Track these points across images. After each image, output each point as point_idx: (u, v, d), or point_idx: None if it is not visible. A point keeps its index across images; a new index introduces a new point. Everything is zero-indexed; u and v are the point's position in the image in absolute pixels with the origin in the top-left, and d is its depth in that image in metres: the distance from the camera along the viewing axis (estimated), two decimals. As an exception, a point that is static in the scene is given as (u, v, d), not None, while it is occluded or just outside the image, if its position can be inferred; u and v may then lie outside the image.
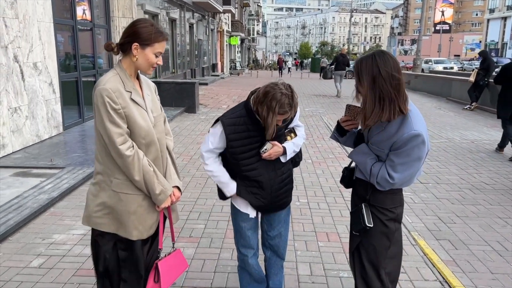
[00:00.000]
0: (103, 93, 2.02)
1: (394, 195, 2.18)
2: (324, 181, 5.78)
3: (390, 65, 2.00)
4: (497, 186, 5.65)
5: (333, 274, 3.35)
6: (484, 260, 3.62)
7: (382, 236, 2.20)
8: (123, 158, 2.06)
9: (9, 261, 3.49)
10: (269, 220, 2.66)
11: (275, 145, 2.44)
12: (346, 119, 2.25)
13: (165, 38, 2.15)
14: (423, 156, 2.06)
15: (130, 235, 2.18)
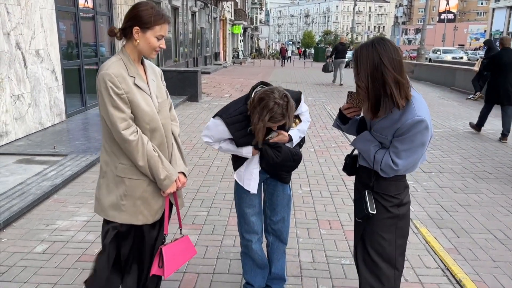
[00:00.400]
0: (106, 78, 2.01)
1: (398, 182, 2.16)
2: (327, 169, 5.78)
3: (390, 50, 1.96)
4: (500, 175, 5.64)
5: (335, 261, 3.36)
6: (486, 248, 3.62)
7: (387, 222, 2.18)
8: (127, 143, 2.05)
9: (13, 246, 3.52)
10: (272, 205, 2.67)
11: (280, 133, 2.43)
12: (348, 106, 2.22)
13: (166, 21, 2.12)
14: (426, 142, 2.04)
15: (136, 220, 2.18)
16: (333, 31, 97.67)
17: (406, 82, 1.99)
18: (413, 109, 1.98)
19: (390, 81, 1.94)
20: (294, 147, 2.54)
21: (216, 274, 3.15)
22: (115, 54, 2.16)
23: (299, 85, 17.03)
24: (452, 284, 3.07)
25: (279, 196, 2.65)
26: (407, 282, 3.09)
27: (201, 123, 8.72)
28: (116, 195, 2.17)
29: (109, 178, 2.18)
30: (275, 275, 2.81)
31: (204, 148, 6.76)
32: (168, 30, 2.20)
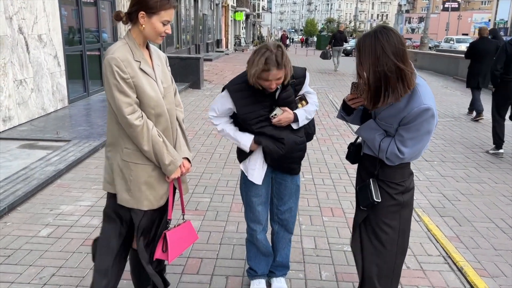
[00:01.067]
0: (112, 62, 2.00)
1: (403, 169, 2.16)
2: (329, 157, 5.79)
3: (393, 39, 1.92)
4: (502, 165, 5.65)
5: (337, 248, 3.39)
6: (487, 237, 3.65)
7: (391, 209, 2.19)
8: (132, 127, 2.05)
9: (18, 230, 3.55)
10: (279, 195, 2.65)
11: (285, 111, 2.40)
12: (352, 97, 2.19)
13: (172, 6, 2.09)
14: (432, 129, 2.02)
15: (141, 205, 2.19)
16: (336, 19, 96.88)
17: (410, 71, 1.97)
18: (419, 97, 1.96)
19: (393, 72, 1.91)
20: (299, 134, 2.51)
21: (219, 259, 3.18)
22: (121, 39, 2.14)
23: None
24: (454, 272, 3.10)
25: (288, 186, 2.62)
26: (409, 270, 3.11)
27: (203, 110, 8.71)
28: (122, 179, 2.18)
29: (114, 163, 2.19)
30: (279, 263, 2.82)
31: (206, 135, 6.76)
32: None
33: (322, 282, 2.94)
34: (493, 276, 3.06)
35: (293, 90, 2.48)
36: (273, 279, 2.83)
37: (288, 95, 2.44)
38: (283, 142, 2.42)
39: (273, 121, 2.40)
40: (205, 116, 8.11)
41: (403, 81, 1.94)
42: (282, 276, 2.85)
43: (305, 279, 2.96)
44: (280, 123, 2.40)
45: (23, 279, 2.87)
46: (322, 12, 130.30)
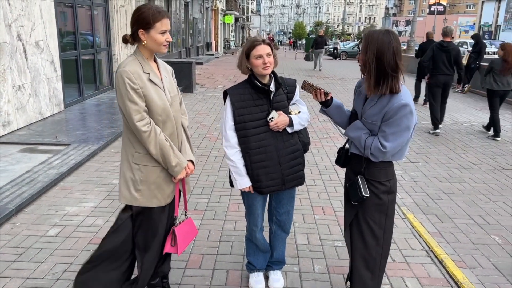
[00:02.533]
0: (123, 75, 2.24)
1: (387, 169, 2.42)
2: (320, 160, 6.06)
3: (398, 40, 2.26)
4: (482, 165, 5.97)
5: (329, 243, 3.65)
6: (466, 232, 3.94)
7: (377, 208, 2.44)
8: (140, 133, 2.29)
9: (27, 230, 3.74)
10: (278, 198, 2.86)
11: (281, 114, 2.64)
12: (314, 94, 2.51)
13: (165, 16, 2.32)
14: (411, 126, 2.28)
15: (151, 203, 2.43)
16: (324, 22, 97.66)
17: (402, 73, 2.30)
18: (399, 95, 2.27)
19: (393, 64, 2.24)
20: (292, 141, 2.72)
21: (219, 255, 3.42)
22: (131, 54, 2.39)
23: (291, 76, 17.23)
24: (435, 264, 3.38)
25: (287, 192, 2.83)
26: (394, 262, 3.38)
27: (196, 114, 8.92)
28: (134, 181, 2.41)
29: (127, 166, 2.42)
30: (276, 258, 3.07)
31: (201, 138, 6.99)
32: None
33: (315, 274, 3.19)
34: (471, 267, 3.34)
35: (286, 97, 2.74)
36: (270, 272, 3.07)
37: (282, 98, 2.69)
38: (271, 157, 2.65)
39: (270, 125, 2.62)
40: (199, 120, 8.33)
41: (397, 76, 2.26)
42: (278, 269, 3.10)
43: (299, 272, 3.21)
44: (277, 126, 2.63)
45: (37, 275, 3.08)
46: (311, 15, 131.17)
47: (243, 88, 2.66)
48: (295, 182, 2.78)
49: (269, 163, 2.66)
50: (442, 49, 7.75)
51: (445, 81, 7.76)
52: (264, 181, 2.66)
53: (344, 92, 12.74)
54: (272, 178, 2.67)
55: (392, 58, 2.23)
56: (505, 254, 3.57)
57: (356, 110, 2.52)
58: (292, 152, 2.73)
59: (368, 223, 2.47)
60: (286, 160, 2.70)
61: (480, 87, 11.46)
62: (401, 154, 2.40)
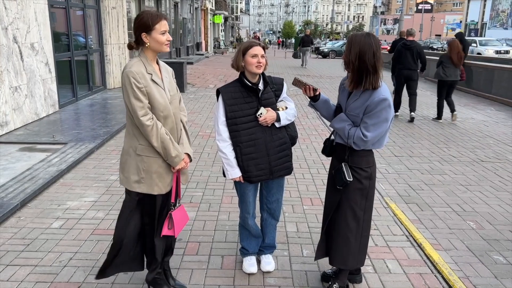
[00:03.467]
0: (129, 75, 2.50)
1: (368, 157, 2.74)
2: (308, 155, 6.33)
3: (377, 44, 2.57)
4: (462, 158, 6.30)
5: (317, 231, 3.91)
6: (444, 219, 4.24)
7: (358, 192, 2.74)
8: (144, 127, 2.55)
9: (32, 223, 3.96)
10: (268, 187, 3.12)
11: (269, 110, 2.90)
12: (304, 90, 2.78)
13: (162, 18, 2.59)
14: (389, 118, 2.60)
15: (152, 190, 2.69)
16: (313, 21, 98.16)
17: (381, 72, 2.62)
18: (379, 90, 2.60)
19: (373, 63, 2.55)
20: (280, 135, 2.97)
21: (214, 242, 3.67)
22: (136, 56, 2.65)
23: (280, 75, 17.52)
24: (414, 247, 3.66)
25: (276, 181, 3.09)
26: (376, 247, 3.66)
27: (189, 113, 9.14)
28: (138, 170, 2.67)
29: (131, 156, 2.68)
30: (267, 243, 3.32)
31: (194, 136, 7.22)
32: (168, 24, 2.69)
33: (303, 258, 3.46)
34: (446, 250, 3.64)
35: (274, 95, 3.00)
36: (262, 256, 3.33)
37: (270, 96, 2.96)
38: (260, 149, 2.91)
39: (260, 120, 2.88)
40: (191, 119, 8.56)
41: (377, 73, 2.57)
42: (270, 253, 3.36)
43: (289, 256, 3.48)
44: (266, 121, 2.89)
45: (45, 262, 3.30)
46: (300, 14, 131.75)
47: (234, 86, 2.92)
48: (283, 172, 3.05)
49: (258, 155, 2.92)
50: (406, 47, 8.89)
51: (408, 74, 8.93)
52: (254, 171, 2.92)
53: (332, 90, 13.04)
54: (261, 168, 2.93)
55: (372, 58, 2.54)
56: (478, 237, 3.87)
57: (340, 104, 2.83)
58: (280, 145, 2.99)
59: (351, 206, 2.77)
60: (274, 152, 2.96)
61: (464, 84, 12.23)
62: (380, 143, 2.71)
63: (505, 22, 52.34)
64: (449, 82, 8.70)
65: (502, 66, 12.55)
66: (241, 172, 2.94)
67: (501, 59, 17.86)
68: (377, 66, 2.56)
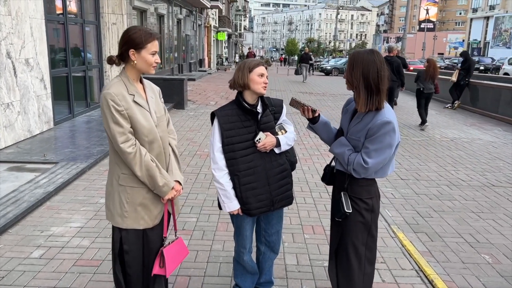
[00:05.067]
0: (107, 97, 2.25)
1: (369, 187, 2.44)
2: (310, 177, 6.04)
3: (381, 61, 2.33)
4: (472, 182, 5.99)
5: (318, 264, 3.60)
6: (456, 251, 3.92)
7: (359, 226, 2.45)
8: (125, 154, 2.28)
9: (11, 252, 3.66)
10: (267, 219, 2.83)
11: (268, 135, 2.63)
12: (302, 111, 2.54)
13: (155, 38, 2.35)
14: (393, 144, 2.32)
15: (138, 224, 2.40)
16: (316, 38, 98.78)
17: (385, 93, 2.36)
18: (382, 112, 2.33)
19: (377, 82, 2.31)
20: (280, 161, 2.71)
21: (206, 276, 3.36)
22: (117, 76, 2.40)
23: (283, 92, 17.34)
24: (425, 284, 3.34)
25: (276, 211, 2.80)
26: (384, 283, 3.34)
27: (187, 131, 8.90)
28: (120, 203, 2.39)
29: (114, 187, 2.40)
30: (264, 279, 3.02)
31: (191, 156, 6.95)
32: None
33: (303, 296, 3.14)
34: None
35: (273, 118, 2.74)
36: (258, 293, 3.02)
37: (269, 119, 2.69)
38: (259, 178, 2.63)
39: (258, 146, 2.61)
40: (189, 137, 8.30)
41: (381, 93, 2.33)
42: (267, 290, 3.05)
43: (288, 294, 3.16)
44: (265, 147, 2.62)
45: (18, 299, 3.00)
46: (303, 32, 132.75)
47: (231, 109, 2.65)
48: (284, 202, 2.77)
49: (257, 184, 2.65)
50: (386, 62, 9.32)
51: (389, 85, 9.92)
52: (253, 203, 2.64)
53: (335, 109, 12.81)
54: (261, 199, 2.65)
55: (376, 76, 2.30)
56: (495, 273, 3.54)
57: (342, 127, 2.55)
58: (280, 172, 2.72)
59: (352, 241, 2.47)
60: (274, 180, 2.69)
61: (470, 103, 12.52)
62: (384, 172, 2.42)
63: (508, 41, 52.44)
64: (426, 94, 9.94)
65: (508, 85, 12.31)
66: (239, 203, 2.65)
67: (506, 78, 17.67)
68: (380, 85, 2.32)
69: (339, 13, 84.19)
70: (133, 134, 2.31)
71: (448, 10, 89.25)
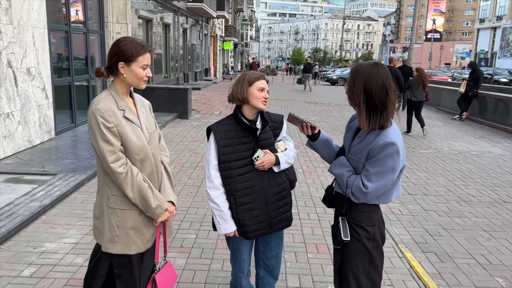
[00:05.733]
0: (96, 113, 2.09)
1: (370, 213, 2.21)
2: (314, 191, 5.86)
3: (386, 75, 2.11)
4: (483, 198, 5.78)
5: (322, 286, 3.42)
6: (468, 274, 3.71)
7: (360, 255, 2.22)
8: (116, 175, 2.12)
9: (1, 270, 3.51)
10: (266, 241, 2.67)
11: (267, 153, 2.48)
12: (301, 127, 2.38)
13: (147, 50, 2.20)
14: (397, 168, 2.10)
15: (129, 249, 2.24)
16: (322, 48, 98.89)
17: (392, 109, 2.14)
18: (386, 132, 2.11)
19: (382, 98, 2.09)
20: (279, 180, 2.55)
21: (204, 299, 3.19)
22: (105, 90, 2.25)
23: (288, 102, 17.21)
24: (435, 310, 3.15)
25: (275, 234, 2.64)
26: (391, 308, 3.15)
27: (190, 141, 8.76)
28: (110, 226, 2.23)
29: (103, 209, 2.24)
30: None
31: (193, 167, 6.80)
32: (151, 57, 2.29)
33: (306, 322, 2.96)
34: (474, 315, 3.11)
35: (272, 134, 2.58)
36: (257, 320, 2.84)
37: (268, 136, 2.54)
38: (258, 197, 2.47)
39: (256, 164, 2.45)
40: (192, 147, 8.16)
41: (387, 111, 2.10)
42: (267, 316, 2.86)
43: (289, 320, 2.98)
44: (263, 165, 2.46)
45: (4, 322, 2.84)
46: (309, 41, 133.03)
47: (228, 124, 2.49)
48: (283, 224, 2.61)
49: (255, 205, 2.48)
50: None
51: None
52: (250, 225, 2.47)
53: (341, 119, 12.63)
54: (258, 221, 2.49)
55: (380, 92, 2.09)
56: (510, 298, 3.34)
57: (344, 146, 2.37)
58: (279, 192, 2.57)
59: (352, 272, 2.25)
60: (273, 201, 2.53)
61: (478, 114, 12.54)
62: (386, 198, 2.21)
63: (516, 52, 52.10)
64: (416, 102, 10.37)
65: (518, 97, 12.09)
66: (236, 225, 2.48)
67: (515, 89, 17.43)
68: (386, 102, 2.10)
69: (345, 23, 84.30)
70: (124, 153, 2.16)
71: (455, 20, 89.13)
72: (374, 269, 2.24)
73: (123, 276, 2.32)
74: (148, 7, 15.12)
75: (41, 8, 7.44)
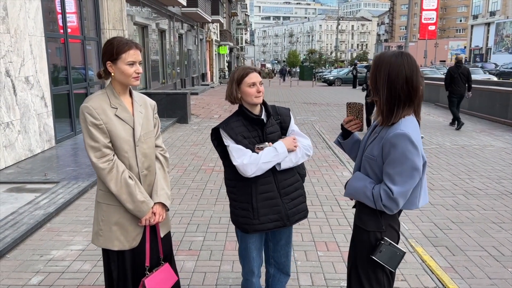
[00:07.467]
0: (84, 110, 2.14)
1: (379, 218, 2.05)
2: (320, 189, 5.82)
3: (411, 65, 1.95)
4: (489, 191, 5.74)
5: (334, 283, 3.37)
6: (481, 266, 3.67)
7: (365, 260, 2.11)
8: (99, 170, 2.15)
9: (8, 279, 3.45)
10: (276, 238, 2.63)
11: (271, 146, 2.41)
12: (349, 119, 2.21)
13: (131, 47, 2.19)
14: (418, 164, 1.91)
15: (112, 245, 2.24)
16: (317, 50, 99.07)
17: (419, 100, 2.01)
18: (398, 124, 1.95)
19: (406, 91, 1.95)
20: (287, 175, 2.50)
21: (216, 301, 3.14)
22: (102, 89, 2.27)
23: (287, 104, 17.18)
24: (451, 303, 3.10)
25: (284, 231, 2.60)
26: (406, 303, 3.10)
27: (191, 145, 8.72)
28: (96, 220, 2.29)
29: (95, 203, 2.33)
30: None
31: (196, 170, 6.76)
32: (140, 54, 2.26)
33: (321, 320, 2.91)
34: (490, 307, 3.07)
35: (280, 127, 2.53)
36: (271, 319, 2.79)
37: (275, 129, 2.49)
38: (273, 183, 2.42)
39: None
40: (194, 151, 8.12)
41: (412, 104, 1.98)
42: (280, 315, 2.81)
43: (304, 318, 2.93)
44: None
45: (14, 332, 2.79)
46: (304, 44, 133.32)
47: (236, 121, 2.43)
48: (300, 215, 2.54)
49: (271, 194, 2.42)
50: None
51: None
52: (269, 214, 2.41)
53: (341, 119, 12.61)
54: (277, 211, 2.43)
55: (405, 84, 1.93)
56: (526, 289, 3.30)
57: (360, 145, 2.23)
58: (292, 184, 2.51)
59: (358, 276, 2.14)
60: (287, 192, 2.47)
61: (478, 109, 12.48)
62: (412, 202, 2.02)
63: (510, 47, 52.31)
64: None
65: (517, 90, 12.09)
66: (254, 217, 2.40)
67: None
68: (412, 94, 1.95)
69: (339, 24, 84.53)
70: (111, 149, 2.17)
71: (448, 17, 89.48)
72: (384, 275, 2.11)
73: (114, 272, 2.32)
74: (143, 13, 15.10)
75: (37, 16, 7.40)
